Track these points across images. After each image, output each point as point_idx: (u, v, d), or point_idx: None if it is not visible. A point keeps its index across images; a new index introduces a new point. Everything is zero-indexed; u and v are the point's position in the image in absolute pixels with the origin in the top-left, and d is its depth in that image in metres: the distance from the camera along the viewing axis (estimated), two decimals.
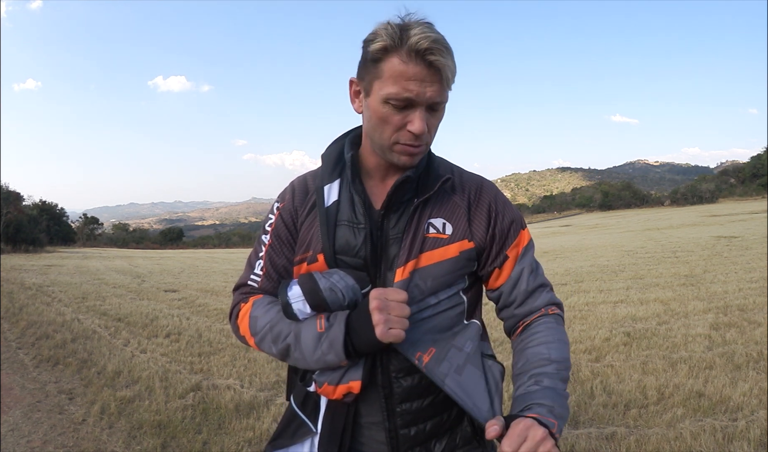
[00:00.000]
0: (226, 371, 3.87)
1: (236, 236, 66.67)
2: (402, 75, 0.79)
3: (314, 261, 0.89)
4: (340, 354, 0.81)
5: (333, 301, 0.82)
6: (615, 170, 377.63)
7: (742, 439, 2.47)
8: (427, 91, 0.80)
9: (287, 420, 0.97)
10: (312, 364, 0.85)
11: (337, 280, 0.83)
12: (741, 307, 5.34)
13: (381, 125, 0.84)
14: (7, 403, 3.27)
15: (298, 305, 0.83)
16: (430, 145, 0.89)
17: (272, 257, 0.94)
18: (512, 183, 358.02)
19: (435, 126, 0.86)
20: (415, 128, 0.81)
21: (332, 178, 0.93)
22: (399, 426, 0.88)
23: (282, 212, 0.96)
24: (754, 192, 67.43)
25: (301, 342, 0.84)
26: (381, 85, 0.81)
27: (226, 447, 2.64)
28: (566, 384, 0.86)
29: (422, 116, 0.81)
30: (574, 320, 5.24)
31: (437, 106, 0.83)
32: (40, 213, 38.04)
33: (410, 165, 0.87)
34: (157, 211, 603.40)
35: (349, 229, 0.89)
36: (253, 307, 0.91)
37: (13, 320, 5.90)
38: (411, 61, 0.78)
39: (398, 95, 0.79)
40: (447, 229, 0.90)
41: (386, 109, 0.82)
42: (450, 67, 0.80)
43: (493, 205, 0.94)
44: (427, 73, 0.79)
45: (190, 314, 6.39)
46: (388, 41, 0.79)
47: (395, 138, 0.84)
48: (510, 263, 0.93)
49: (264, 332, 0.87)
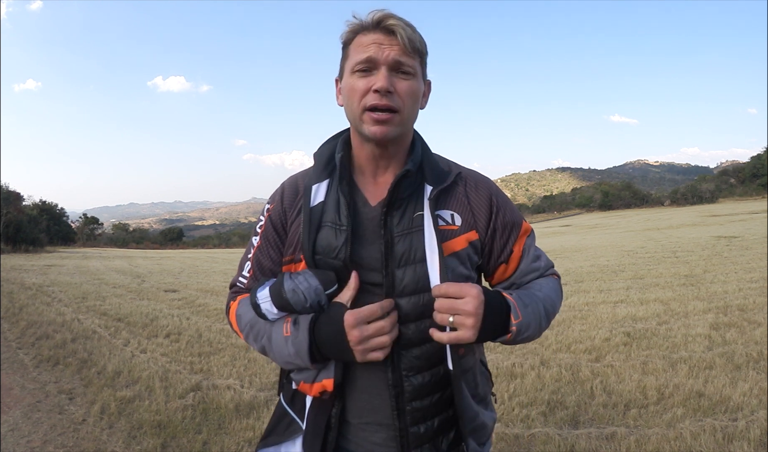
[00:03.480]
0: (226, 371, 3.87)
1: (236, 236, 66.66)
2: (363, 43, 0.86)
3: (298, 262, 0.91)
4: (305, 360, 0.84)
5: (296, 302, 0.84)
6: (615, 170, 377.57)
7: (742, 439, 2.47)
8: (386, 50, 0.84)
9: (278, 417, 0.99)
10: (284, 365, 0.90)
11: (300, 281, 0.84)
12: (741, 307, 5.34)
13: (351, 95, 0.87)
14: (7, 403, 3.27)
15: (265, 305, 0.87)
16: (405, 116, 0.87)
17: (259, 259, 0.96)
18: (512, 183, 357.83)
19: (406, 92, 0.86)
20: (378, 84, 0.83)
21: (321, 178, 0.93)
22: (409, 424, 0.88)
23: (272, 214, 0.97)
24: (754, 192, 67.43)
25: (272, 343, 0.87)
26: (349, 62, 0.88)
27: (226, 447, 2.64)
28: (547, 316, 0.90)
29: (385, 74, 0.84)
30: (574, 320, 5.24)
31: (402, 67, 0.85)
32: (40, 213, 38.02)
33: (381, 136, 0.86)
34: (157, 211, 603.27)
35: (331, 230, 0.89)
36: (239, 306, 0.95)
37: (13, 320, 5.90)
38: (370, 32, 0.86)
39: (360, 59, 0.85)
40: (456, 220, 0.91)
41: (353, 78, 0.87)
42: (407, 32, 0.84)
43: (494, 199, 0.95)
44: (385, 38, 0.85)
45: (190, 314, 6.39)
46: (353, 26, 0.88)
47: (363, 103, 0.85)
48: (516, 257, 0.96)
49: (247, 331, 0.92)
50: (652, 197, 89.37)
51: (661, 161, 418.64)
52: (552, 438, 2.58)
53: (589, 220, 54.12)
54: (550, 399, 3.10)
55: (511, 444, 2.56)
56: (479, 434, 0.95)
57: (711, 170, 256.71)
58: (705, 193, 73.77)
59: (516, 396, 3.15)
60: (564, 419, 2.82)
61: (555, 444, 2.52)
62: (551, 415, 2.89)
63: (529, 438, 2.61)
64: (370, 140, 0.88)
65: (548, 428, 2.71)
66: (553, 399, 3.09)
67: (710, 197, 71.96)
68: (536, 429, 2.69)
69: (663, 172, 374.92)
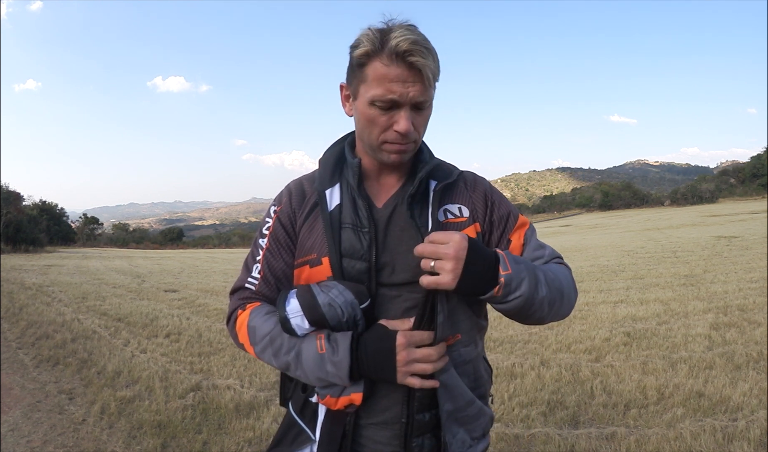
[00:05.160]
0: (226, 371, 3.87)
1: (236, 236, 66.65)
2: (385, 78, 0.81)
3: (318, 264, 0.90)
4: (345, 378, 0.82)
5: (332, 317, 0.82)
6: (615, 170, 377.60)
7: (742, 439, 2.47)
8: (410, 92, 0.82)
9: (286, 427, 0.97)
10: (314, 382, 0.86)
11: (335, 295, 0.82)
12: (741, 307, 5.34)
13: (369, 126, 0.86)
14: (7, 403, 3.27)
15: (296, 320, 0.83)
16: (419, 142, 0.91)
17: (270, 261, 0.94)
18: (512, 183, 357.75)
19: (422, 124, 0.89)
20: (401, 128, 0.83)
21: (332, 182, 0.95)
22: (415, 411, 0.88)
23: (280, 216, 0.96)
24: (754, 192, 67.45)
25: (302, 360, 0.84)
26: (366, 88, 0.84)
27: (226, 447, 2.64)
28: (547, 284, 0.84)
29: (407, 116, 0.84)
30: (574, 320, 5.24)
31: (422, 105, 0.86)
32: (40, 213, 38.02)
33: (399, 163, 0.90)
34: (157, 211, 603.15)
35: (353, 232, 0.90)
36: (251, 316, 0.90)
37: (13, 320, 5.90)
38: (392, 64, 0.81)
39: (382, 97, 0.82)
40: (464, 212, 0.93)
41: (372, 111, 0.84)
42: (430, 67, 0.82)
43: (488, 194, 0.97)
44: (409, 74, 0.81)
45: (190, 314, 6.38)
46: (369, 47, 0.82)
47: (383, 138, 0.86)
48: (516, 247, 0.95)
49: (264, 345, 0.87)
50: (652, 197, 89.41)
51: (660, 161, 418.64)
52: (552, 438, 2.58)
53: (589, 220, 54.14)
54: (550, 399, 3.10)
55: (511, 444, 2.56)
56: (472, 427, 0.93)
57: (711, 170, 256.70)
58: (705, 193, 73.80)
59: (516, 396, 3.15)
60: (564, 419, 2.82)
61: (555, 444, 2.52)
62: (551, 415, 2.89)
63: (529, 438, 2.61)
64: (385, 163, 0.91)
65: (548, 428, 2.71)
66: (553, 399, 3.09)
67: (710, 197, 71.99)
68: (536, 429, 2.69)
69: (663, 172, 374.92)
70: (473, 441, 0.93)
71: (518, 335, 4.68)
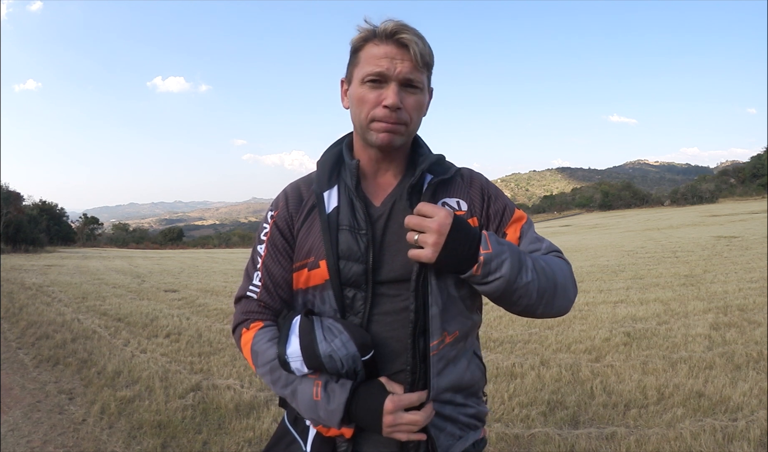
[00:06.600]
0: (226, 371, 3.86)
1: (236, 236, 66.62)
2: (375, 55, 0.87)
3: (316, 267, 0.90)
4: (335, 425, 0.84)
5: (331, 368, 0.83)
6: (614, 170, 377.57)
7: (742, 439, 2.47)
8: (398, 66, 0.86)
9: (280, 435, 0.99)
10: (307, 419, 0.90)
11: (338, 347, 0.82)
12: (741, 307, 5.35)
13: (360, 105, 0.88)
14: (7, 403, 3.27)
15: (296, 364, 0.85)
16: (411, 128, 0.91)
17: (269, 267, 0.95)
18: (512, 183, 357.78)
19: (414, 107, 0.89)
20: (388, 101, 0.85)
21: (330, 184, 0.95)
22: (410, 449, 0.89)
23: (277, 220, 0.96)
24: (754, 192, 67.45)
25: (297, 399, 0.87)
26: (359, 70, 0.89)
27: (226, 447, 2.64)
28: (536, 270, 0.83)
29: (395, 90, 0.86)
30: (574, 320, 5.24)
31: (411, 83, 0.87)
32: (40, 213, 38.03)
33: (388, 143, 0.89)
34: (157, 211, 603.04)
35: (350, 234, 0.90)
36: (254, 340, 0.91)
37: (13, 320, 5.90)
38: (382, 43, 0.87)
39: (371, 71, 0.86)
40: (462, 206, 0.94)
41: (363, 89, 0.88)
42: (418, 45, 0.86)
43: (485, 188, 0.98)
44: (398, 52, 0.86)
45: (190, 314, 6.38)
46: (365, 33, 0.89)
47: (372, 115, 0.88)
48: (512, 239, 0.94)
49: (264, 371, 0.89)
50: (652, 197, 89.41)
51: (660, 161, 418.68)
52: (552, 438, 2.58)
53: (589, 220, 54.14)
54: (550, 399, 3.10)
55: (511, 444, 2.56)
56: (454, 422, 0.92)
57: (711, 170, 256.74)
58: (705, 193, 73.80)
59: (516, 396, 3.15)
60: (564, 419, 2.82)
61: (555, 444, 2.52)
62: (551, 415, 2.89)
63: (529, 438, 2.61)
64: (374, 146, 0.91)
65: (548, 428, 2.71)
66: (553, 399, 3.09)
67: (710, 197, 71.98)
68: (536, 429, 2.69)
69: (663, 172, 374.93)
70: (462, 431, 0.93)
71: (518, 335, 4.68)
